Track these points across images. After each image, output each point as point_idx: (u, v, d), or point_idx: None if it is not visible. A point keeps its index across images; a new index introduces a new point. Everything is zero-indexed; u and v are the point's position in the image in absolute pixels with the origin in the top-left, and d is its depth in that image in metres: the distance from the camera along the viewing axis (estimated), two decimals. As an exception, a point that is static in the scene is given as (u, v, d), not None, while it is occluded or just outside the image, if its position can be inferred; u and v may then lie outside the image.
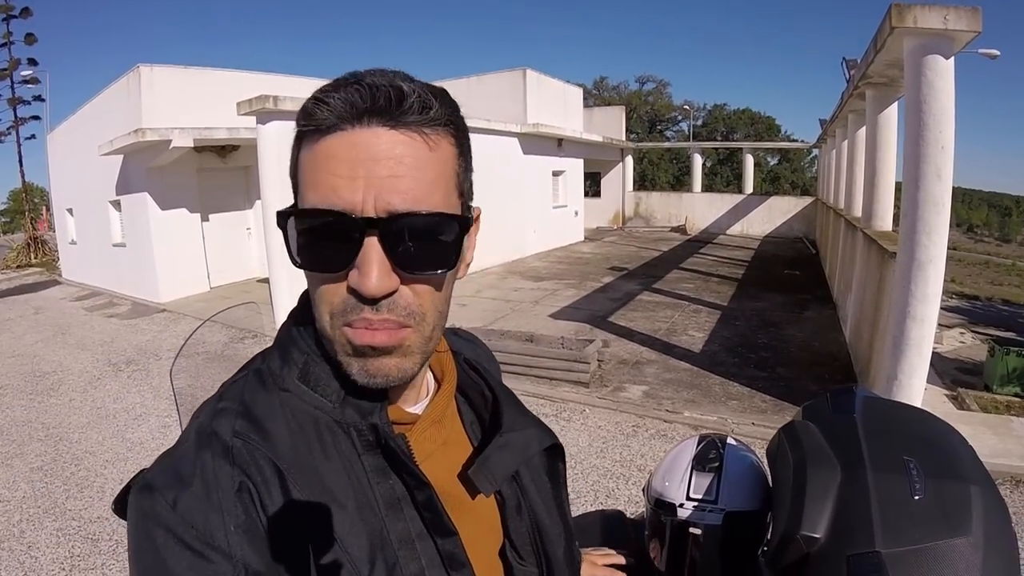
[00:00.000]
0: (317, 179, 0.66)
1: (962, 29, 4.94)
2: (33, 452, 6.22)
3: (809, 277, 13.94)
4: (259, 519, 0.63)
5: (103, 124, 14.33)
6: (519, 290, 13.11)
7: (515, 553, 0.89)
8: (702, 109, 56.74)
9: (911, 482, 1.11)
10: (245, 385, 0.74)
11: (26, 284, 19.82)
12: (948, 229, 5.32)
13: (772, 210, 23.74)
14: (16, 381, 8.82)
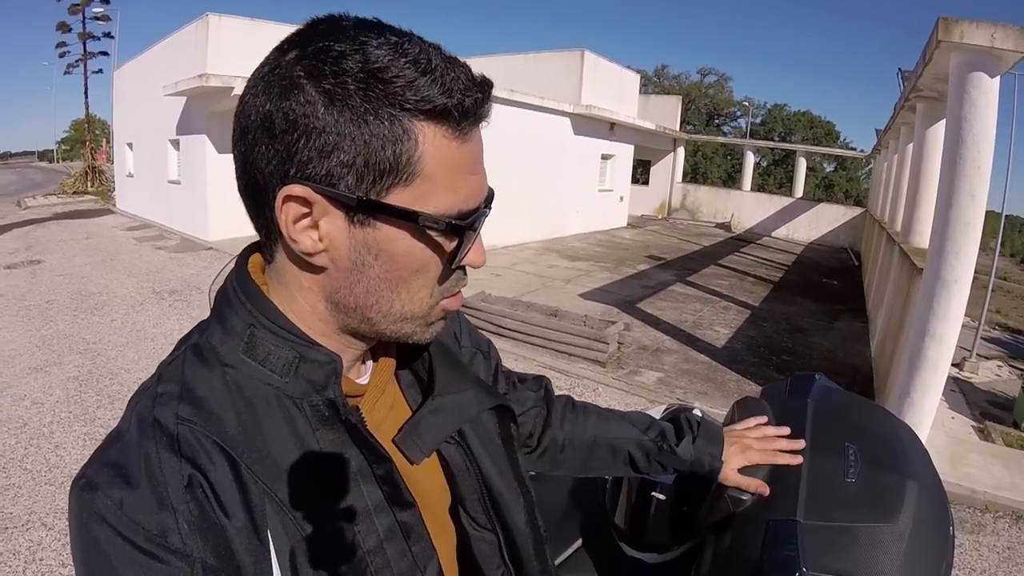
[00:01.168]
0: (459, 181, 0.69)
1: (1009, 48, 4.88)
2: (71, 363, 6.56)
3: (847, 288, 13.75)
4: (212, 512, 0.62)
5: (169, 66, 14.80)
6: (553, 267, 13.23)
7: (469, 518, 0.90)
8: (762, 107, 56.00)
9: (846, 466, 1.22)
10: (184, 364, 0.70)
11: (80, 210, 20.61)
12: (977, 251, 5.28)
13: (820, 217, 23.39)
14: (62, 298, 9.24)
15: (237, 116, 0.66)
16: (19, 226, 16.69)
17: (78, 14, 29.83)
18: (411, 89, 0.61)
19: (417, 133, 0.63)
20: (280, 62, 0.63)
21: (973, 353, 8.83)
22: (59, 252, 12.93)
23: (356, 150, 0.62)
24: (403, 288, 0.70)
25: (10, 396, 5.68)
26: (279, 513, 0.66)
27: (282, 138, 0.62)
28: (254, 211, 0.70)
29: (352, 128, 0.61)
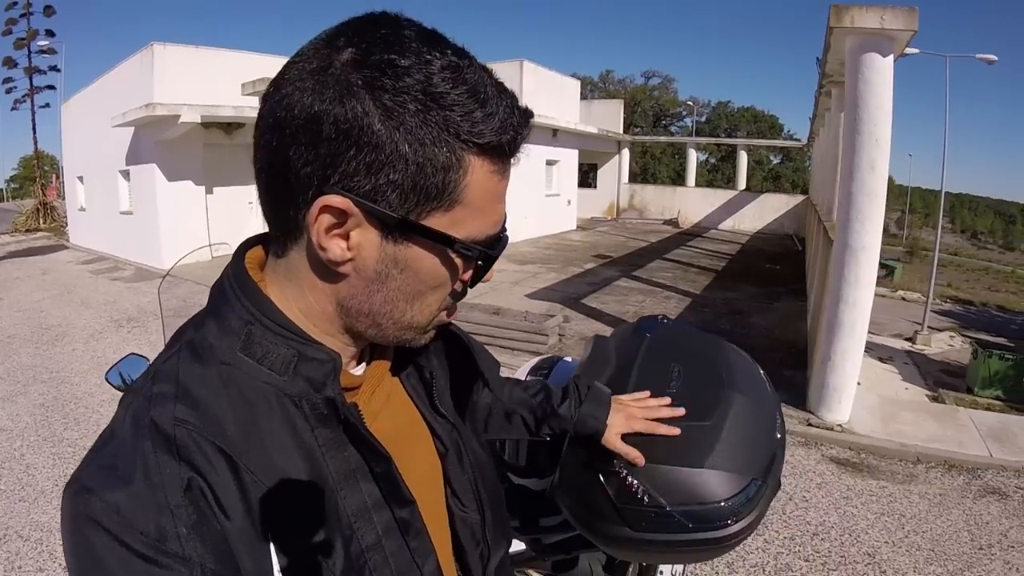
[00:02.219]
0: (492, 209, 0.71)
1: (899, 28, 5.17)
2: (36, 391, 6.76)
3: (789, 272, 14.23)
4: (212, 514, 0.61)
5: (116, 97, 14.83)
6: (502, 271, 13.43)
7: (457, 501, 0.92)
8: (706, 106, 56.89)
9: (669, 380, 1.49)
10: (180, 363, 0.69)
11: (34, 247, 20.30)
12: (882, 218, 5.62)
13: (764, 207, 24.03)
14: (23, 332, 9.37)
15: (272, 105, 0.64)
16: (-28, 267, 16.56)
17: (23, 48, 29.42)
18: (468, 120, 0.63)
19: (468, 164, 0.65)
20: (334, 61, 0.61)
21: (924, 326, 9.20)
22: (16, 289, 12.96)
23: (407, 171, 0.62)
24: (419, 301, 0.72)
25: (-23, 426, 5.86)
26: (279, 514, 0.66)
27: (329, 144, 0.61)
28: (274, 206, 0.69)
29: (407, 148, 0.62)
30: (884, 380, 7.05)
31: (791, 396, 6.25)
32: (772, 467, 1.36)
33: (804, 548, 3.92)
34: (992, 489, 4.72)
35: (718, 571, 3.71)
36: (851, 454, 5.26)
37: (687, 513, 1.28)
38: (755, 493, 1.31)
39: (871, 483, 4.78)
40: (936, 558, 3.85)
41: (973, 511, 4.40)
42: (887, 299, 13.92)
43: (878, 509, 4.40)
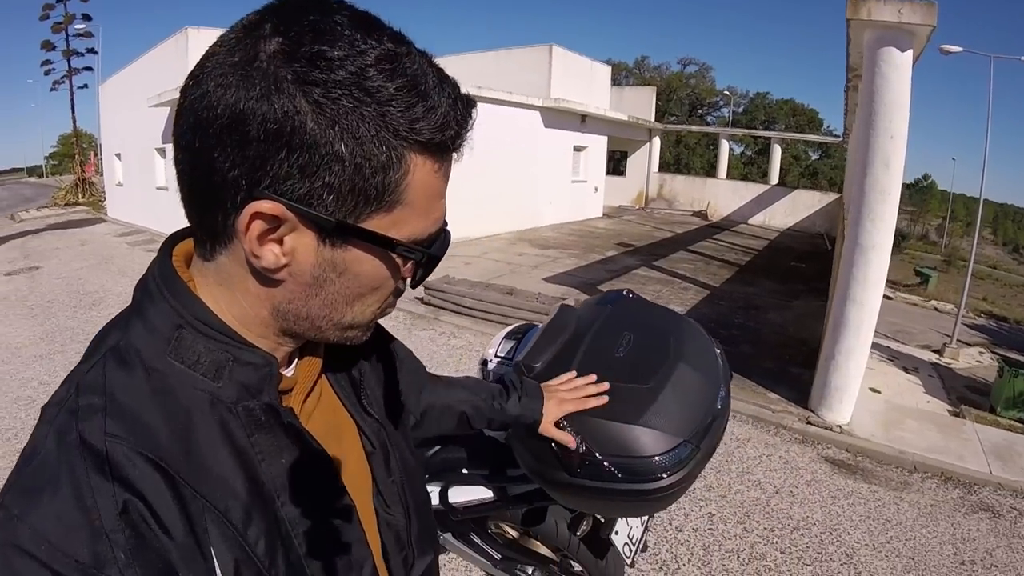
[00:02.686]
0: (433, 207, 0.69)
1: (916, 23, 5.07)
2: (73, 350, 7.09)
3: (814, 271, 14.04)
4: (152, 534, 0.58)
5: (152, 78, 15.26)
6: (523, 255, 13.65)
7: (382, 501, 0.89)
8: (744, 96, 56.28)
9: (618, 346, 1.63)
10: (106, 371, 0.64)
11: (73, 220, 21.07)
12: (895, 217, 5.54)
13: (796, 203, 23.62)
14: (62, 297, 9.80)
15: (192, 102, 0.59)
16: (15, 237, 17.17)
17: (61, 32, 30.28)
18: (409, 116, 0.59)
19: (409, 163, 0.62)
20: (259, 52, 0.57)
21: (953, 339, 8.96)
22: (56, 259, 13.41)
23: (344, 172, 0.59)
24: (359, 303, 0.70)
25: (19, 379, 6.25)
26: (219, 526, 0.63)
27: (257, 145, 0.57)
28: (199, 210, 0.64)
29: (343, 148, 0.58)
30: (906, 391, 6.93)
31: (794, 393, 6.27)
32: (708, 434, 1.48)
33: (782, 541, 3.95)
34: (986, 506, 4.68)
35: (693, 552, 3.78)
36: (847, 456, 5.26)
37: (618, 464, 1.39)
38: (686, 455, 1.42)
39: (862, 486, 4.77)
40: (915, 567, 3.85)
41: (962, 526, 4.37)
42: (919, 308, 13.74)
43: (864, 512, 4.40)
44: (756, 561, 3.74)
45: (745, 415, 5.83)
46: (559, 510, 2.37)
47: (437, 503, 2.30)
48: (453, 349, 7.32)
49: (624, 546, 2.34)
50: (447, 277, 9.16)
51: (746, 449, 5.20)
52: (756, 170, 47.04)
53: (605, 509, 1.80)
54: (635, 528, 2.42)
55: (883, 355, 8.21)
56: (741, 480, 4.68)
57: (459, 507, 2.31)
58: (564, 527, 2.35)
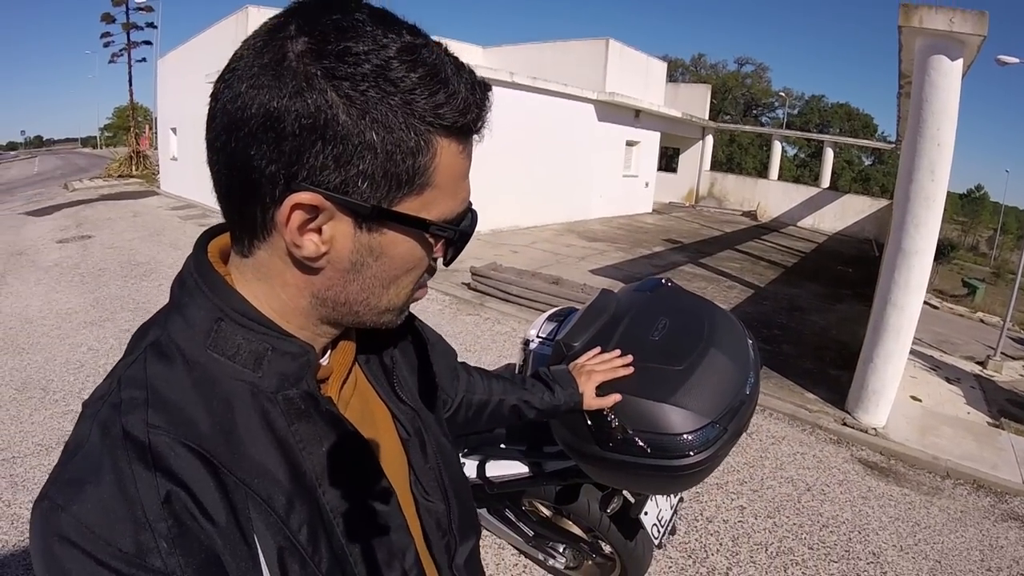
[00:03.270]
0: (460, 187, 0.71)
1: (968, 32, 5.07)
2: (123, 318, 7.39)
3: (860, 276, 13.81)
4: (196, 523, 0.59)
5: (211, 55, 15.58)
6: (571, 246, 13.72)
7: (421, 489, 0.91)
8: (799, 98, 55.38)
9: (654, 330, 1.75)
10: (147, 366, 0.66)
11: (126, 192, 21.57)
12: (939, 225, 5.50)
13: (846, 208, 23.32)
14: (113, 267, 10.06)
15: (223, 104, 0.63)
16: (68, 206, 17.63)
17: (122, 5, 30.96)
18: (432, 102, 0.62)
19: (436, 146, 0.65)
20: (288, 52, 0.59)
21: (998, 352, 8.82)
22: (108, 229, 13.78)
23: (376, 160, 0.62)
24: (395, 285, 0.72)
25: (69, 344, 6.51)
26: (262, 513, 0.64)
27: (293, 140, 0.59)
28: (237, 208, 0.66)
29: (374, 137, 0.61)
30: (947, 401, 6.85)
31: (832, 395, 6.30)
32: (735, 417, 1.57)
33: (811, 537, 4.03)
34: (1016, 515, 4.66)
35: (722, 543, 3.87)
36: (881, 459, 5.29)
37: (648, 440, 1.50)
38: (714, 435, 1.52)
39: (894, 489, 4.81)
40: (941, 570, 3.88)
41: (991, 533, 4.37)
42: (965, 319, 13.51)
43: (894, 514, 4.44)
44: (784, 555, 3.82)
45: (782, 413, 5.88)
46: (591, 490, 2.50)
47: (474, 476, 2.44)
48: (497, 335, 7.44)
49: (653, 527, 2.43)
50: (494, 264, 9.34)
51: (780, 446, 5.27)
52: (808, 173, 46.37)
53: (634, 484, 1.87)
54: (664, 511, 2.52)
55: (926, 364, 8.12)
56: (774, 476, 4.75)
57: (495, 481, 2.44)
58: (596, 506, 2.47)
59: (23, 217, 15.82)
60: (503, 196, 14.67)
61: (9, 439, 4.51)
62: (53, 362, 6.01)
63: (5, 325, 7.15)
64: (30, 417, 4.85)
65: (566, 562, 3.12)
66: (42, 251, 11.38)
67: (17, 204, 18.81)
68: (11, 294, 8.50)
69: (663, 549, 2.92)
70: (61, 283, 9.07)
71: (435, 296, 8.96)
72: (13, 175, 33.44)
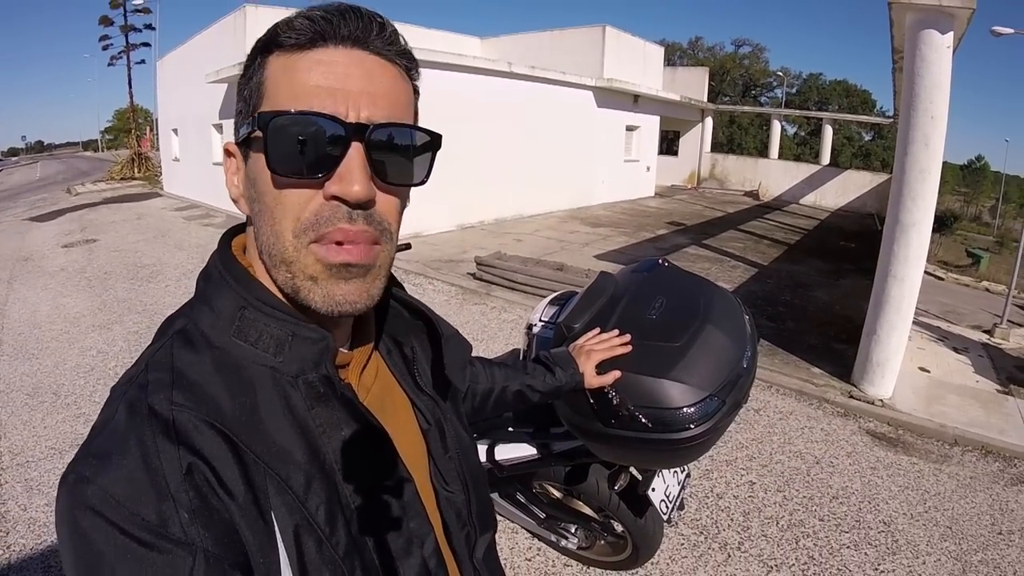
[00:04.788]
0: (297, 89, 0.66)
1: (956, 5, 5.11)
2: (131, 320, 7.44)
3: (863, 250, 13.63)
4: (215, 496, 0.61)
5: (210, 55, 15.60)
6: (575, 233, 13.76)
7: (441, 479, 0.90)
8: (797, 77, 55.28)
9: (651, 309, 1.79)
10: (173, 351, 0.69)
11: (129, 194, 21.66)
12: (935, 196, 5.56)
13: (847, 184, 23.28)
14: (119, 270, 10.11)
15: None
16: (72, 210, 17.75)
17: (119, 8, 30.98)
18: (265, 35, 0.71)
19: (266, 63, 0.69)
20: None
21: (1004, 319, 8.87)
22: (112, 232, 13.85)
23: (240, 98, 0.73)
24: (270, 219, 0.69)
25: (78, 348, 6.56)
26: (280, 492, 0.65)
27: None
28: None
29: (241, 83, 0.73)
30: (955, 371, 6.89)
31: (837, 368, 6.35)
32: (733, 389, 1.62)
33: (821, 509, 4.06)
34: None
35: (733, 518, 3.91)
36: (888, 429, 5.32)
37: (649, 415, 1.55)
38: (713, 408, 1.56)
39: (902, 458, 4.84)
40: (952, 536, 3.91)
41: (1001, 497, 4.40)
42: (970, 289, 13.55)
43: (904, 483, 4.47)
44: (795, 528, 3.85)
45: (788, 389, 5.92)
46: (600, 470, 2.54)
47: (484, 460, 2.48)
48: (504, 323, 7.48)
49: (661, 503, 2.46)
50: (499, 253, 9.38)
51: (788, 421, 5.30)
52: (809, 151, 46.17)
53: (639, 459, 1.90)
54: (672, 487, 2.55)
55: (933, 335, 8.16)
56: (782, 451, 4.79)
57: (505, 464, 2.48)
58: (604, 485, 2.52)
59: (27, 223, 15.88)
60: (505, 185, 14.76)
61: (23, 444, 4.56)
62: (63, 366, 6.06)
63: (14, 331, 7.21)
64: (42, 421, 4.90)
65: (578, 542, 3.16)
66: (48, 256, 11.45)
67: (20, 210, 18.89)
68: (19, 300, 8.56)
69: (672, 525, 2.96)
70: (68, 287, 9.13)
71: (441, 287, 9.02)
72: (15, 181, 33.56)
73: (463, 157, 12.89)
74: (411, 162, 0.72)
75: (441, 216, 13.11)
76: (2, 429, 4.80)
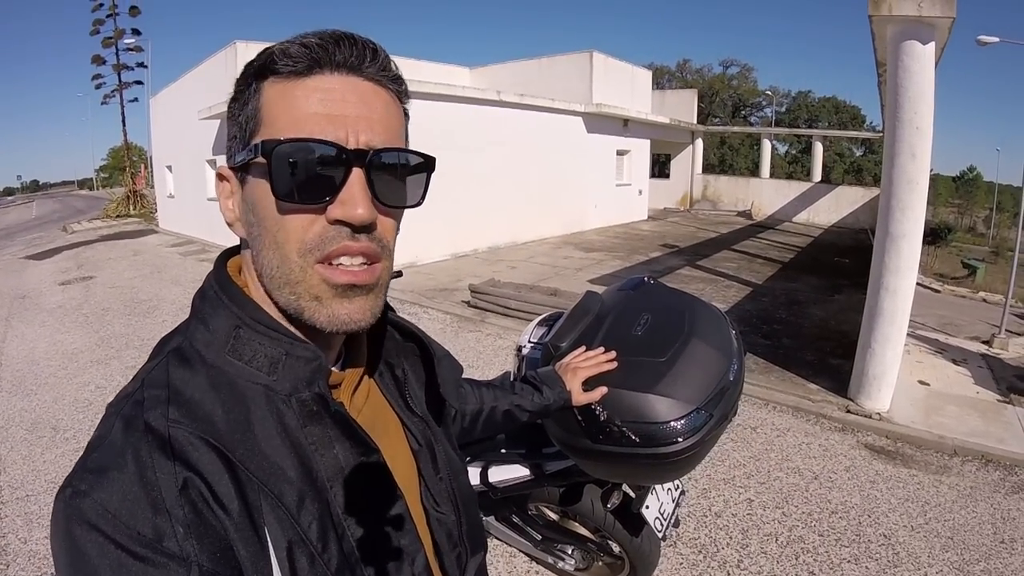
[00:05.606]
0: (296, 116, 0.68)
1: (937, 15, 5.14)
2: (129, 356, 7.42)
3: (857, 266, 13.60)
4: (210, 511, 0.61)
5: (202, 92, 15.70)
6: (568, 258, 13.79)
7: (432, 500, 0.91)
8: (786, 96, 55.58)
9: (636, 325, 1.81)
10: (168, 369, 0.70)
11: (125, 231, 21.70)
12: (924, 206, 5.57)
13: (840, 200, 23.42)
14: (116, 305, 10.14)
15: None
16: (68, 248, 17.81)
17: (111, 47, 31.28)
18: (262, 57, 0.71)
19: (262, 89, 0.70)
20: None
21: (1002, 329, 8.84)
22: (109, 268, 13.89)
23: (235, 123, 0.73)
24: (272, 243, 0.70)
25: (76, 383, 6.56)
26: (273, 508, 0.66)
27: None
28: None
29: (235, 108, 0.73)
30: (955, 382, 6.86)
31: (834, 383, 6.33)
32: (720, 402, 1.62)
33: (820, 524, 4.04)
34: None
35: (731, 536, 3.89)
36: (887, 442, 5.31)
37: (636, 429, 1.56)
38: (700, 421, 1.57)
39: (902, 471, 4.82)
40: (954, 546, 3.89)
41: (1002, 506, 4.37)
42: (967, 300, 13.50)
43: (903, 495, 4.45)
44: (794, 544, 3.83)
45: (785, 406, 5.91)
46: (594, 490, 2.54)
47: (478, 483, 2.48)
48: (499, 349, 7.48)
49: (655, 521, 2.47)
50: (492, 280, 9.43)
51: (786, 438, 5.29)
52: (800, 169, 46.35)
53: (629, 475, 1.91)
54: (666, 504, 2.55)
55: (932, 348, 8.14)
56: (780, 467, 4.77)
57: (499, 486, 2.47)
58: (599, 505, 2.52)
59: (24, 261, 15.92)
60: (498, 213, 14.83)
61: (22, 478, 4.57)
62: (61, 401, 6.07)
63: (12, 367, 7.21)
64: (41, 456, 4.91)
65: (575, 563, 3.15)
66: (45, 293, 11.48)
67: (17, 248, 18.91)
68: (17, 337, 8.57)
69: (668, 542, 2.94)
70: (65, 324, 9.14)
71: (435, 315, 9.03)
72: (11, 220, 33.55)
73: (456, 186, 12.98)
74: (406, 184, 0.75)
75: (435, 245, 13.17)
76: (2, 464, 4.82)
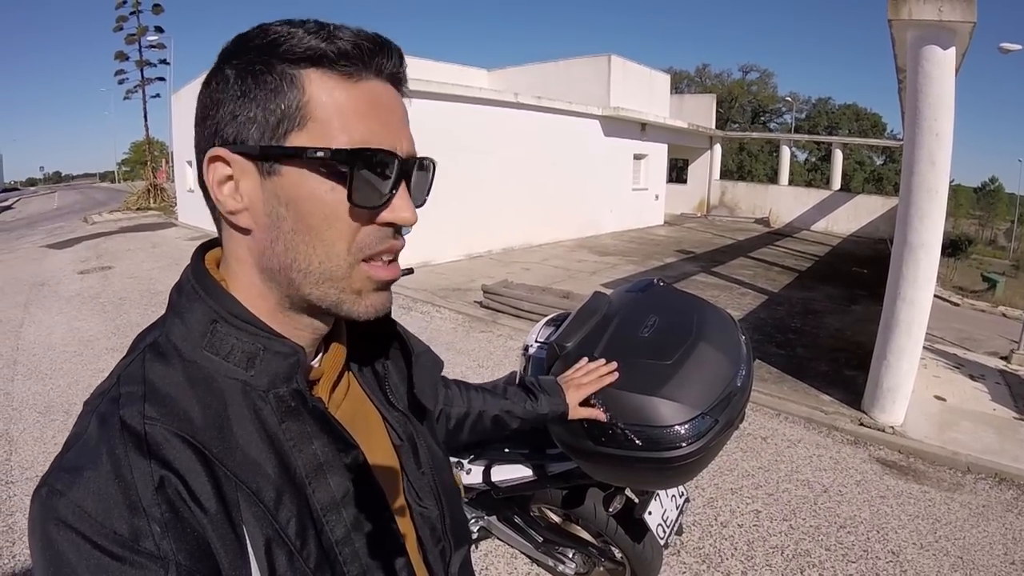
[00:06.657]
0: (359, 122, 0.69)
1: (957, 20, 5.05)
2: (144, 345, 7.48)
3: (875, 276, 13.33)
4: (187, 509, 0.61)
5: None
6: (582, 262, 13.75)
7: (414, 495, 0.92)
8: (806, 102, 55.25)
9: (644, 327, 1.79)
10: (144, 364, 0.70)
11: (144, 224, 21.97)
12: (943, 216, 5.47)
13: (859, 209, 23.17)
14: (133, 295, 10.27)
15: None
16: (88, 239, 17.98)
17: (134, 43, 31.76)
18: (295, 41, 0.66)
19: (303, 79, 0.67)
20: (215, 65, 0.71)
21: (1021, 345, 8.61)
22: (127, 259, 14.07)
23: (256, 106, 0.67)
24: (316, 241, 0.70)
25: (91, 370, 6.65)
26: (252, 506, 0.66)
27: (206, 117, 0.70)
28: (207, 200, 0.72)
29: (253, 88, 0.67)
30: (972, 398, 6.74)
31: (848, 395, 6.26)
32: (727, 407, 1.60)
33: (828, 538, 3.99)
34: (1040, 507, 4.58)
35: (737, 547, 3.85)
36: (899, 457, 5.24)
37: (639, 433, 1.53)
38: (705, 426, 1.54)
39: (913, 487, 4.75)
40: (963, 565, 3.82)
41: (1014, 526, 4.30)
42: (987, 314, 13.29)
43: (914, 512, 4.39)
44: (800, 557, 3.78)
45: (797, 416, 5.85)
46: (597, 494, 2.51)
47: (480, 481, 2.46)
48: (509, 350, 7.46)
49: (658, 527, 2.44)
50: (505, 281, 9.43)
51: (796, 449, 5.23)
52: (820, 176, 46.10)
53: (631, 479, 1.89)
54: (669, 511, 2.52)
55: (949, 363, 8.00)
56: (790, 479, 4.71)
57: (501, 485, 2.45)
58: (602, 509, 2.49)
59: (44, 250, 16.11)
60: (513, 215, 14.83)
61: (33, 459, 4.66)
62: (76, 386, 6.14)
63: (29, 352, 7.31)
64: (53, 438, 4.97)
65: (576, 568, 3.12)
66: (64, 281, 11.60)
67: (38, 237, 19.14)
68: (34, 323, 8.69)
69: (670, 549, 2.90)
70: (83, 312, 9.24)
71: (448, 315, 9.03)
72: (33, 210, 33.94)
73: (472, 188, 13.01)
74: (428, 186, 0.80)
75: (449, 245, 13.18)
76: (14, 444, 4.91)
